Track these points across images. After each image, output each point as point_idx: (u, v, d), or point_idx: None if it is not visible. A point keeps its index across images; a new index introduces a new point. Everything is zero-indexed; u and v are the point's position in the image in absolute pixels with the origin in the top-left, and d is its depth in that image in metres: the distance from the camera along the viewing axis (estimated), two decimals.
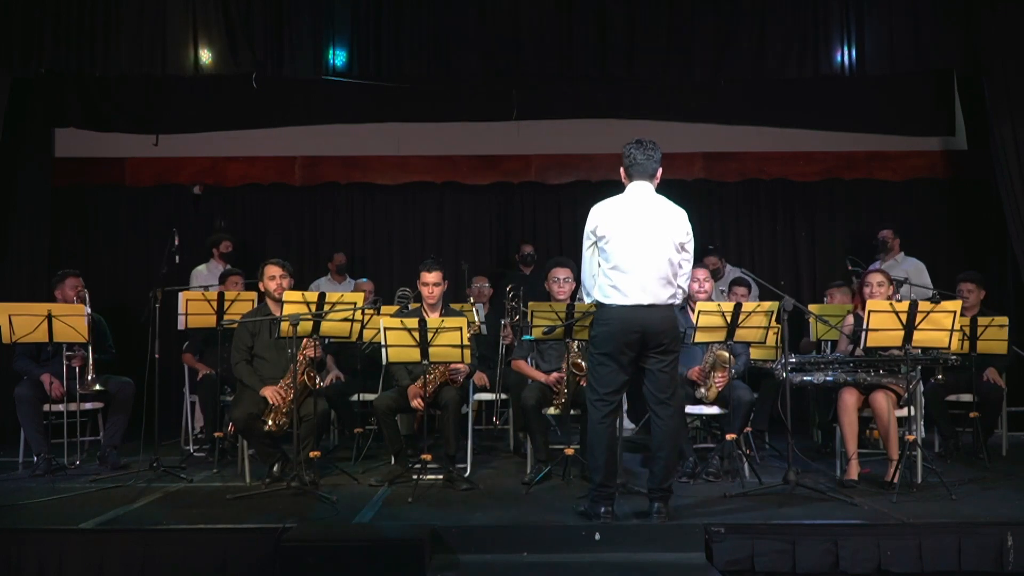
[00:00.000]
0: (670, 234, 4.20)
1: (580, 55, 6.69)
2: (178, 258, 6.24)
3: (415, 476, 4.94)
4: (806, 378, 4.99)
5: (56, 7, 6.48)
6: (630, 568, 3.93)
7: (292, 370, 4.86)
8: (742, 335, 5.13)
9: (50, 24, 6.47)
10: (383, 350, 4.96)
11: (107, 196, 8.12)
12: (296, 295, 5.04)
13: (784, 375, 4.93)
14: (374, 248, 8.33)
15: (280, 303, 5.08)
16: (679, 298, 4.30)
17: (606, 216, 4.22)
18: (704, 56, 6.70)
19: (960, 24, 6.66)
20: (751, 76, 6.84)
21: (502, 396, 6.06)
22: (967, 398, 5.84)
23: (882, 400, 4.98)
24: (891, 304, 4.82)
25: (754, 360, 5.74)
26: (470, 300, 6.63)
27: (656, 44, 6.69)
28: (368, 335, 5.78)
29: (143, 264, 7.83)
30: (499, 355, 6.11)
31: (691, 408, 5.29)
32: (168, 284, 5.78)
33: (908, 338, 4.78)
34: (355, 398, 5.95)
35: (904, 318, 4.76)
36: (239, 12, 6.57)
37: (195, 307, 5.78)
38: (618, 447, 4.52)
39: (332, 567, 3.84)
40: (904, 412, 4.97)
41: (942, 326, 4.83)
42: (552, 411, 5.33)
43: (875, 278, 5.25)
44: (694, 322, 5.06)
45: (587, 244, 4.28)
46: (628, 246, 4.15)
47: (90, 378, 5.41)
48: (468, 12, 6.69)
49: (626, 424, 4.95)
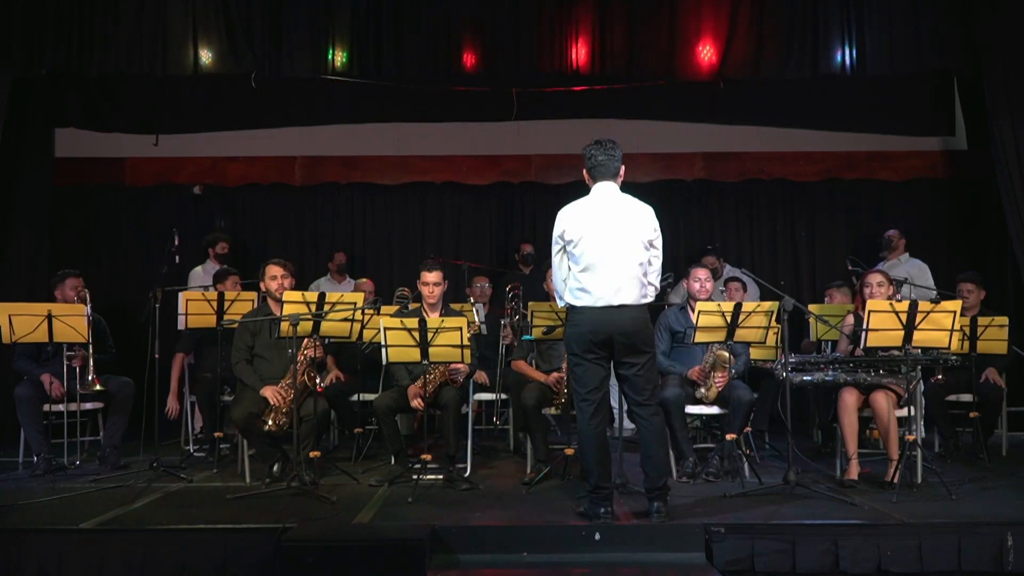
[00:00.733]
0: (637, 233, 4.20)
1: (580, 55, 6.69)
2: (178, 258, 6.24)
3: (415, 476, 4.94)
4: (806, 378, 4.99)
5: (56, 7, 6.48)
6: (630, 568, 3.93)
7: (292, 370, 4.86)
8: (742, 335, 5.13)
9: (50, 24, 6.47)
10: (383, 350, 4.96)
11: (107, 196, 8.12)
12: (296, 295, 5.05)
13: (784, 375, 4.93)
14: (374, 248, 8.33)
15: (281, 303, 5.09)
16: (651, 296, 4.29)
17: (572, 220, 4.23)
18: (704, 57, 6.70)
19: (960, 25, 6.66)
20: (751, 76, 6.83)
21: (502, 396, 6.06)
22: (967, 398, 5.83)
23: (882, 400, 4.98)
24: (891, 304, 4.82)
25: (754, 360, 5.74)
26: (470, 300, 6.63)
27: (656, 44, 6.69)
28: (368, 335, 5.78)
29: (143, 264, 7.82)
30: (499, 355, 6.11)
31: (691, 408, 5.28)
32: (168, 284, 5.78)
33: (908, 338, 4.78)
34: (355, 398, 5.95)
35: (904, 318, 4.76)
36: (239, 12, 6.57)
37: (195, 307, 5.77)
38: (618, 447, 4.53)
39: (332, 567, 3.83)
40: (904, 412, 4.97)
41: (942, 326, 4.83)
42: (552, 411, 5.33)
43: (875, 278, 5.25)
44: (694, 322, 5.06)
45: (555, 249, 4.30)
46: (596, 248, 4.16)
47: (90, 378, 5.40)
48: (468, 12, 6.69)
49: (626, 424, 4.94)
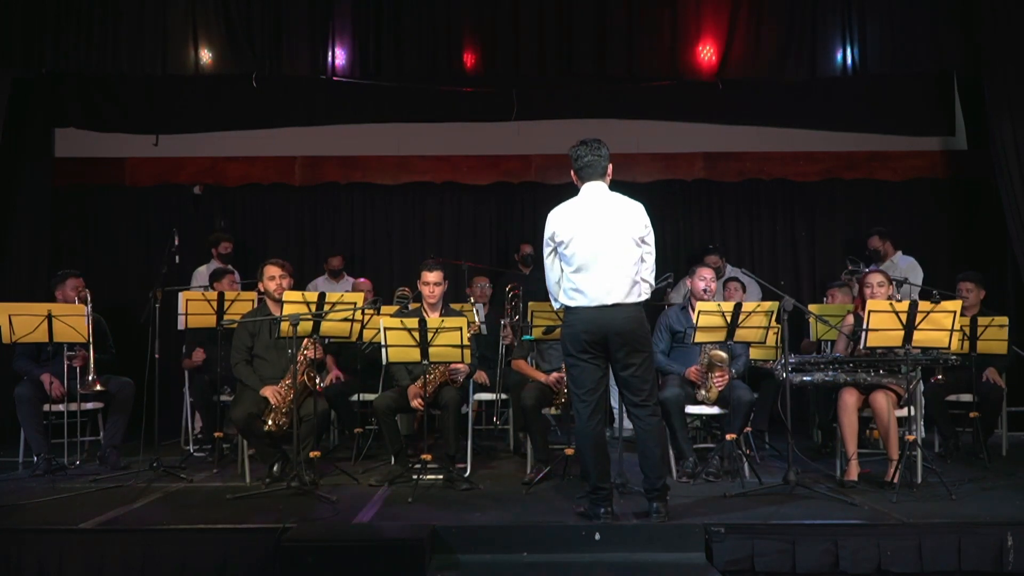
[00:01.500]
0: (628, 230, 4.19)
1: (580, 55, 6.69)
2: (178, 258, 6.23)
3: (415, 476, 4.95)
4: (806, 378, 4.99)
5: (56, 7, 6.47)
6: (630, 568, 3.93)
7: (292, 370, 4.86)
8: (742, 335, 5.13)
9: (50, 24, 6.46)
10: (383, 350, 4.97)
11: (107, 196, 8.11)
12: (296, 295, 5.05)
13: (784, 375, 4.93)
14: (374, 248, 8.32)
15: (280, 303, 5.09)
16: (646, 294, 4.27)
17: (563, 221, 4.23)
18: (704, 57, 6.70)
19: (960, 24, 6.65)
20: (752, 77, 6.83)
21: (502, 396, 6.06)
22: (967, 398, 5.84)
23: (882, 400, 4.98)
24: (891, 304, 4.82)
25: (754, 360, 5.74)
26: (470, 300, 6.63)
27: (656, 44, 6.69)
28: (368, 335, 5.78)
29: (143, 264, 7.82)
30: (499, 355, 6.11)
31: (691, 408, 5.28)
32: (168, 284, 5.77)
33: (908, 338, 4.78)
34: (355, 398, 5.95)
35: (904, 318, 4.76)
36: (239, 12, 6.57)
37: (195, 307, 5.78)
38: (618, 447, 4.53)
39: (332, 567, 3.83)
40: (904, 412, 4.97)
41: (942, 326, 4.83)
42: (552, 411, 5.33)
43: (875, 278, 5.25)
44: (694, 322, 5.06)
45: (547, 251, 4.30)
46: (588, 248, 4.15)
47: (91, 378, 5.41)
48: (468, 12, 6.68)
49: (626, 424, 4.94)
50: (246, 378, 5.12)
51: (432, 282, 5.39)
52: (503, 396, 6.05)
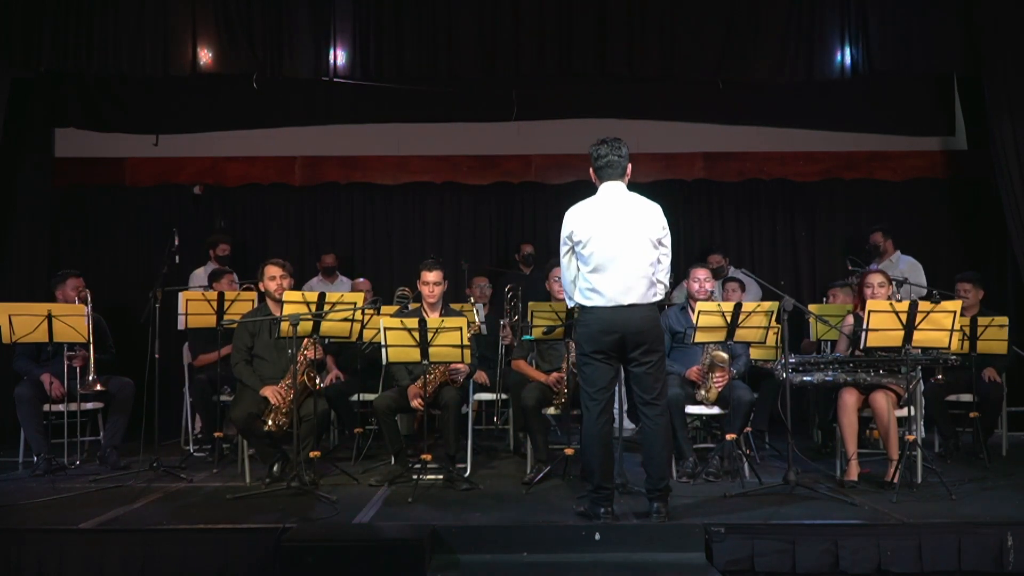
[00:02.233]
0: (646, 232, 4.20)
1: (580, 55, 6.69)
2: (178, 258, 6.24)
3: (415, 476, 4.95)
4: (806, 378, 4.99)
5: (56, 7, 6.47)
6: (630, 568, 3.93)
7: (292, 370, 4.86)
8: (742, 335, 5.13)
9: (50, 24, 6.46)
10: (383, 350, 4.96)
11: (107, 196, 8.11)
12: (296, 295, 5.05)
13: (784, 375, 4.93)
14: (374, 248, 8.32)
15: (280, 303, 5.09)
16: (661, 294, 4.29)
17: (581, 220, 4.22)
18: (703, 57, 6.70)
19: (960, 24, 6.65)
20: (752, 78, 6.83)
21: (502, 396, 6.06)
22: (967, 398, 5.84)
23: (882, 400, 4.98)
24: (891, 304, 4.83)
25: (754, 360, 5.74)
26: (470, 300, 6.63)
27: (656, 44, 6.69)
28: (368, 335, 5.78)
29: (143, 264, 7.83)
30: (499, 355, 6.11)
31: (691, 408, 5.28)
32: (168, 284, 5.77)
33: (908, 338, 4.78)
34: (355, 398, 5.95)
35: (904, 318, 4.76)
36: (239, 12, 6.56)
37: (195, 307, 5.78)
38: (618, 447, 4.53)
39: (332, 567, 3.84)
40: (904, 412, 4.97)
41: (942, 326, 4.83)
42: (552, 411, 5.33)
43: (875, 279, 5.25)
44: (694, 322, 5.06)
45: (564, 250, 4.30)
46: (605, 249, 4.15)
47: (91, 378, 5.41)
48: (468, 12, 6.68)
49: (626, 424, 4.95)
50: (246, 378, 5.12)
51: (432, 282, 5.39)
52: (503, 396, 6.06)
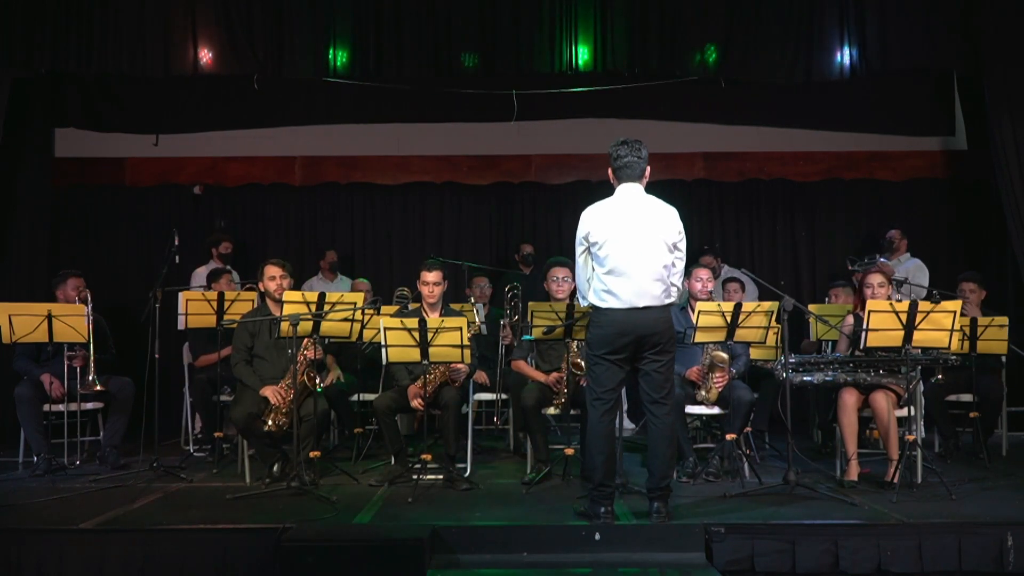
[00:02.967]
0: (663, 235, 4.20)
1: (580, 55, 6.68)
2: (178, 258, 6.23)
3: (415, 476, 4.94)
4: (806, 378, 4.99)
5: (56, 7, 6.47)
6: (630, 568, 3.93)
7: (292, 370, 4.86)
8: (742, 335, 5.13)
9: (50, 24, 6.46)
10: (383, 350, 4.96)
11: (107, 196, 8.12)
12: (296, 295, 5.05)
13: (784, 375, 4.93)
14: (374, 248, 8.33)
15: (280, 303, 5.08)
16: (674, 296, 4.30)
17: (598, 221, 4.22)
18: (704, 56, 6.70)
19: (960, 24, 6.65)
20: (751, 79, 6.83)
21: (502, 396, 6.06)
22: (967, 398, 5.84)
23: (882, 400, 4.98)
24: (891, 304, 4.82)
25: (754, 360, 5.74)
26: (470, 300, 6.63)
27: (656, 44, 6.69)
28: (368, 335, 5.78)
29: (143, 264, 7.83)
30: (499, 355, 6.11)
31: (691, 408, 5.28)
32: (168, 284, 5.77)
33: (908, 338, 4.78)
34: (355, 398, 5.95)
35: (904, 318, 4.76)
36: (239, 12, 6.57)
37: (195, 307, 5.78)
38: (619, 447, 4.52)
39: (332, 567, 3.84)
40: (904, 412, 4.97)
41: (942, 326, 4.83)
42: (552, 411, 5.33)
43: (875, 279, 5.25)
44: (694, 322, 5.06)
45: (580, 250, 4.30)
46: (622, 251, 4.15)
47: (91, 378, 5.40)
48: (468, 12, 6.68)
49: (626, 424, 4.95)
50: (246, 378, 5.12)
51: (431, 282, 5.39)
52: (503, 396, 6.06)
